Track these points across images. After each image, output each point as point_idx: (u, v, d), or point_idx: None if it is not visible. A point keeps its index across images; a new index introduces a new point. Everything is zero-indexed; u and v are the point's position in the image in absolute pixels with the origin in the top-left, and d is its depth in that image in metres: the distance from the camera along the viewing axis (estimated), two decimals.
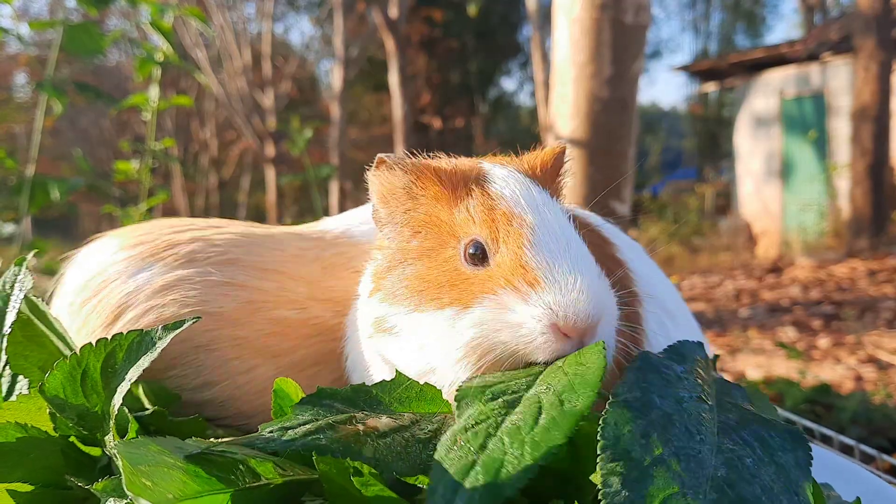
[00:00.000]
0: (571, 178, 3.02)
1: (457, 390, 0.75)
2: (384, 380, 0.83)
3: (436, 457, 0.63)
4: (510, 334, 0.80)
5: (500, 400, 0.71)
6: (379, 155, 0.93)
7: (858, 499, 0.76)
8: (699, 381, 0.79)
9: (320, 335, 1.09)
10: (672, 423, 0.69)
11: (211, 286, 1.07)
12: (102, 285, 1.08)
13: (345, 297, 1.10)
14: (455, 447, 0.64)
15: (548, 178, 0.96)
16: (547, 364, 0.79)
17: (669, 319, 1.09)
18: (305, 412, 0.74)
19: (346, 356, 1.04)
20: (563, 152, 0.99)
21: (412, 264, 0.89)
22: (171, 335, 0.82)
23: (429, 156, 0.98)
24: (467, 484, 0.59)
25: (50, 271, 3.32)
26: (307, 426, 0.70)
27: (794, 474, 0.68)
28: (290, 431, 0.70)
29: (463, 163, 0.95)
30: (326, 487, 0.73)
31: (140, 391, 1.01)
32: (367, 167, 0.96)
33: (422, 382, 0.83)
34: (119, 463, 0.61)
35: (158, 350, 0.81)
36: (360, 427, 0.71)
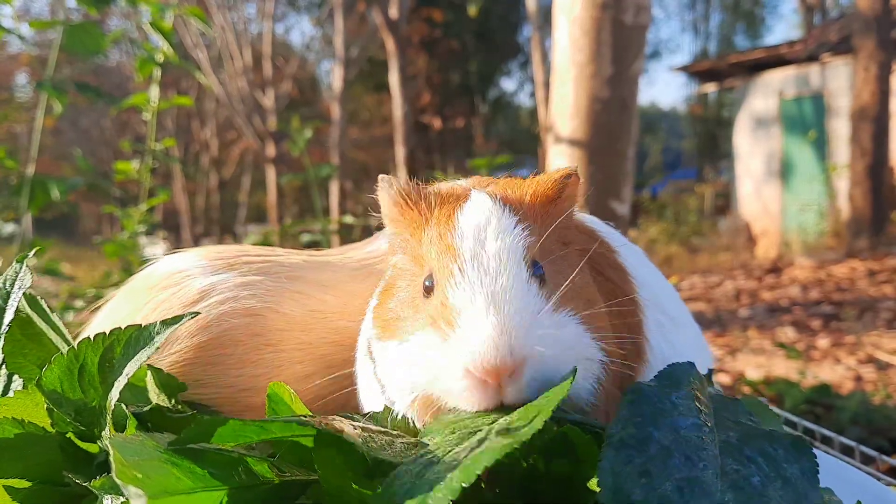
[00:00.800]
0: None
1: (423, 427, 0.75)
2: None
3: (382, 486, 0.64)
4: (427, 377, 0.77)
5: (456, 434, 0.71)
6: (380, 176, 0.92)
7: (859, 503, 0.76)
8: (696, 404, 0.77)
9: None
10: (671, 454, 0.67)
11: (282, 291, 1.15)
12: (184, 277, 1.14)
13: None
14: (398, 477, 0.65)
15: (538, 205, 0.90)
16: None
17: (671, 325, 1.08)
18: None
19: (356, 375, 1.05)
20: (564, 177, 0.92)
21: (394, 294, 0.89)
22: (169, 330, 0.82)
23: (434, 179, 0.97)
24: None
25: (50, 272, 3.33)
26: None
27: (802, 486, 0.67)
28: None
29: (454, 188, 0.92)
30: (325, 489, 0.73)
31: (148, 380, 1.00)
32: (367, 169, 0.95)
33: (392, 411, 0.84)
34: (111, 453, 0.61)
35: (157, 345, 0.80)
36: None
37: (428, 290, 0.82)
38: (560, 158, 2.95)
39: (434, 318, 0.78)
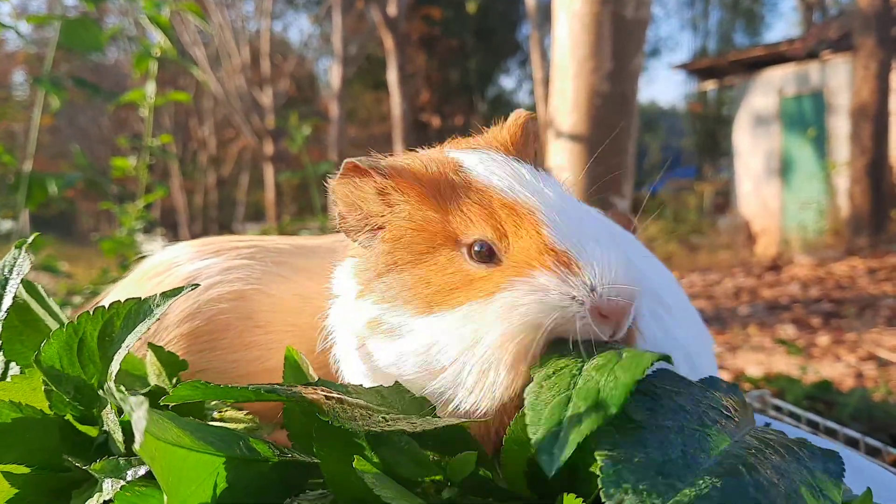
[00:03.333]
0: (571, 174, 2.99)
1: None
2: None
3: (526, 403, 0.64)
4: (546, 315, 0.75)
5: (571, 358, 0.72)
6: (348, 160, 0.88)
7: (869, 490, 0.74)
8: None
9: None
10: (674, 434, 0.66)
11: (269, 274, 1.17)
12: (173, 263, 1.17)
13: None
14: (543, 390, 0.66)
15: (522, 150, 0.93)
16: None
17: (667, 314, 1.06)
18: None
19: (335, 359, 1.01)
20: (528, 119, 0.95)
21: (406, 269, 0.85)
22: (169, 302, 0.80)
23: (387, 154, 0.93)
24: (569, 412, 0.61)
25: (48, 268, 3.31)
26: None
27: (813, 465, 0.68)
28: None
29: (433, 158, 0.89)
30: (326, 474, 0.72)
31: (148, 361, 0.99)
32: (331, 174, 0.91)
33: (425, 383, 0.81)
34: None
35: (157, 316, 0.79)
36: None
37: (482, 256, 0.81)
38: (560, 154, 2.94)
39: (540, 262, 0.77)
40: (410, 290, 0.84)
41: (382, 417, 0.73)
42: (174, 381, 0.98)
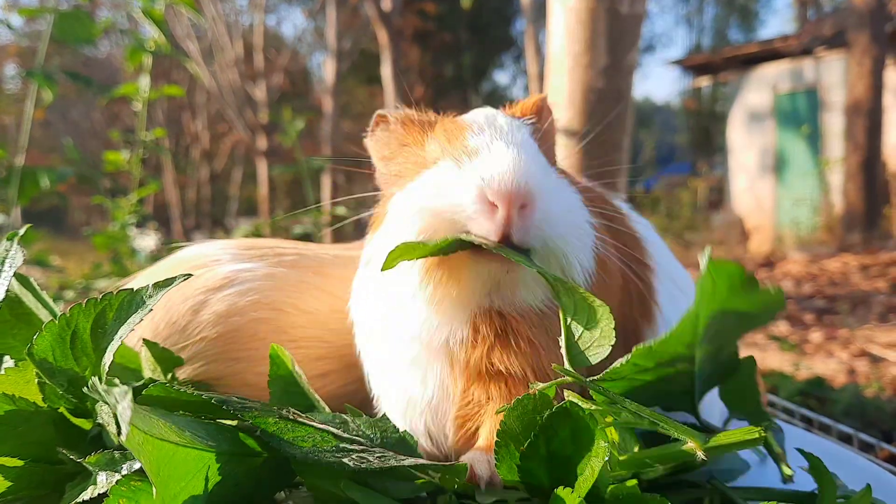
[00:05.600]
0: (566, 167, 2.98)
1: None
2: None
3: None
4: (441, 200, 0.80)
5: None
6: (377, 112, 0.98)
7: (868, 486, 0.74)
8: None
9: None
10: None
11: (308, 288, 1.15)
12: (214, 260, 1.14)
13: None
14: None
15: (527, 116, 0.96)
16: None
17: (683, 296, 1.08)
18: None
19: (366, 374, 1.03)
20: (543, 100, 1.00)
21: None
22: (163, 292, 0.79)
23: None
24: None
25: (40, 262, 3.29)
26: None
27: None
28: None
29: (440, 115, 0.99)
30: (309, 489, 0.73)
31: (143, 356, 0.98)
32: (360, 163, 1.00)
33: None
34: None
35: (150, 307, 0.78)
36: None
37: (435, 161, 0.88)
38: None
39: (449, 153, 0.84)
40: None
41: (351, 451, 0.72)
42: (169, 376, 0.97)
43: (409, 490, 0.74)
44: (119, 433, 0.54)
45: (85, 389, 0.74)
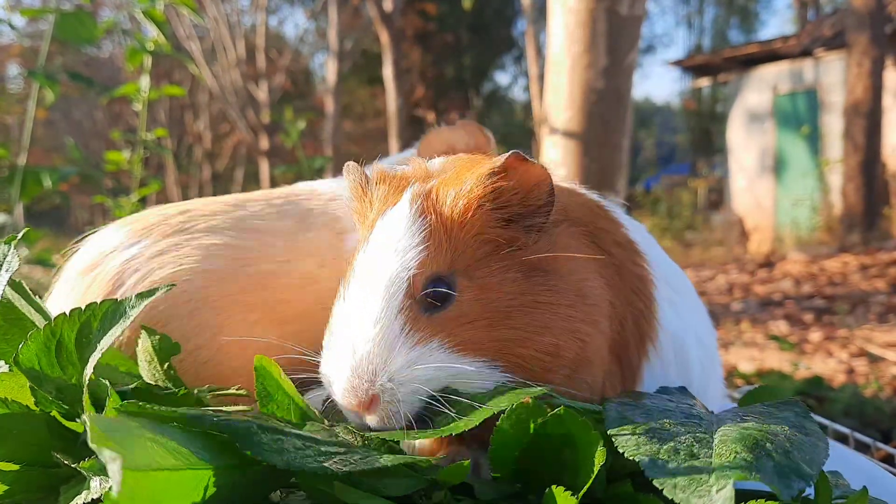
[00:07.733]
0: (565, 169, 2.99)
1: None
2: None
3: None
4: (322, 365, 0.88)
5: None
6: (346, 164, 0.98)
7: (865, 488, 0.75)
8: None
9: (309, 286, 1.14)
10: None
11: (200, 248, 1.12)
12: (100, 259, 1.11)
13: (327, 248, 1.16)
14: None
15: (466, 208, 0.85)
16: None
17: (682, 300, 1.08)
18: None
19: None
20: (491, 173, 0.83)
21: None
22: (145, 303, 0.80)
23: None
24: None
25: (42, 262, 3.30)
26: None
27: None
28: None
29: (405, 176, 0.94)
30: (304, 491, 0.74)
31: (139, 348, 0.97)
32: (361, 163, 0.99)
33: None
34: (87, 426, 0.57)
35: (132, 318, 0.79)
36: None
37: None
38: (554, 149, 2.94)
39: (329, 321, 0.89)
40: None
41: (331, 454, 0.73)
42: (166, 366, 0.96)
43: (403, 487, 0.75)
44: (111, 490, 0.52)
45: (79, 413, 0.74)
